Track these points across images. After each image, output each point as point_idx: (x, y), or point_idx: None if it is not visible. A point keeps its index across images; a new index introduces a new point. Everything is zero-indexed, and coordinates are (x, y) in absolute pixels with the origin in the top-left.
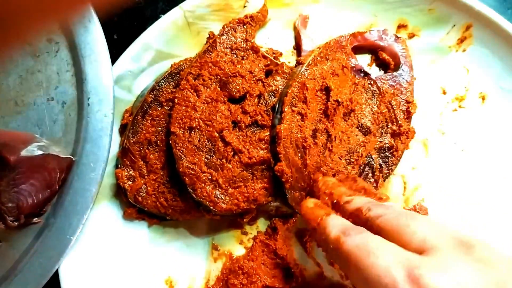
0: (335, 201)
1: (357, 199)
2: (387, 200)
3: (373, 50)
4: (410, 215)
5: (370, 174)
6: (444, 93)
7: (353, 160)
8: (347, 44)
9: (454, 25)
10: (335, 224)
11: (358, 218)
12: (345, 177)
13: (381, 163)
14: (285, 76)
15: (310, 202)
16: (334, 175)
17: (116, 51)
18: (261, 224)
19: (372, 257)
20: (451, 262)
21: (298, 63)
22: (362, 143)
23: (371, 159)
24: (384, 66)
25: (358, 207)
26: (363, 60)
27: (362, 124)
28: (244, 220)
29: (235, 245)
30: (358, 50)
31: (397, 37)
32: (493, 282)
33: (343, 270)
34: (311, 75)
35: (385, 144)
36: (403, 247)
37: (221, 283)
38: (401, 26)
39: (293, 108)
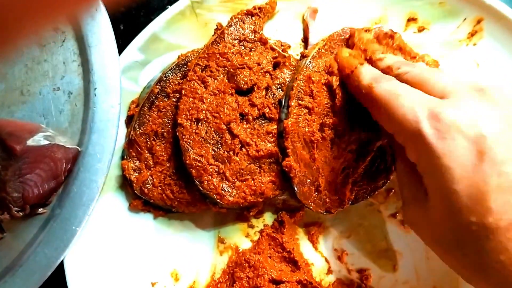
0: (369, 56)
1: (389, 57)
2: (419, 60)
3: None
4: (434, 70)
5: (382, 167)
6: None
7: (362, 154)
8: (341, 43)
9: (465, 19)
10: (368, 72)
11: (389, 74)
12: (383, 34)
13: (389, 159)
14: (293, 69)
15: (345, 52)
16: (344, 168)
17: (122, 41)
18: (268, 218)
19: (400, 98)
20: (465, 102)
21: (303, 56)
22: (370, 135)
23: (382, 152)
24: None
25: (389, 65)
26: None
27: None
28: (251, 213)
29: (241, 238)
30: None
31: (392, 32)
32: (499, 116)
33: (373, 112)
34: (316, 67)
35: (391, 143)
36: (427, 93)
37: (227, 276)
38: (411, 20)
39: (300, 102)
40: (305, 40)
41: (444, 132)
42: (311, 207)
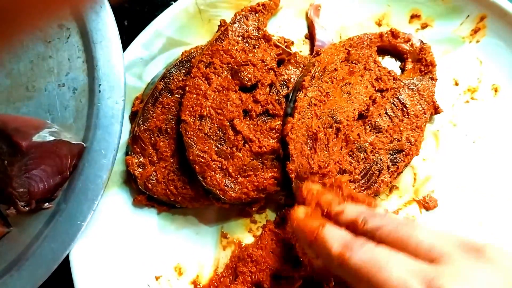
0: (325, 210)
1: (349, 209)
2: (376, 206)
3: (396, 53)
4: (409, 224)
5: (377, 173)
6: (457, 84)
7: (361, 158)
8: (371, 44)
9: (468, 16)
10: (335, 238)
11: (355, 230)
12: (329, 184)
13: (390, 164)
14: (298, 65)
15: (300, 212)
16: (339, 172)
17: (126, 37)
18: (270, 213)
19: (384, 271)
20: (467, 270)
21: (317, 54)
22: (372, 142)
23: (380, 159)
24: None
25: (352, 220)
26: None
27: (375, 124)
28: (253, 209)
29: (244, 233)
30: (380, 51)
31: (422, 43)
32: (504, 282)
33: (354, 285)
34: (330, 67)
35: (395, 146)
36: (410, 256)
37: (229, 271)
38: (414, 16)
39: (307, 98)
40: (311, 37)
41: None
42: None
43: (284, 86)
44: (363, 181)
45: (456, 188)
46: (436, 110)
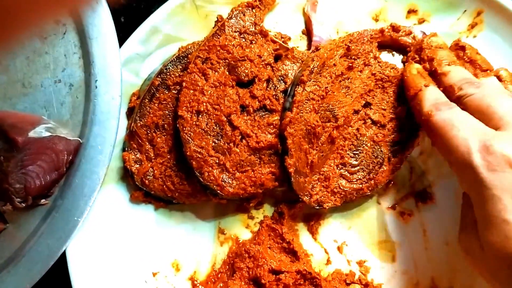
0: (434, 68)
1: (453, 72)
2: (490, 74)
3: (398, 47)
4: (495, 96)
5: (377, 167)
6: None
7: (361, 151)
8: (372, 40)
9: (465, 11)
10: (430, 98)
11: (451, 94)
12: (455, 44)
13: (390, 156)
14: (295, 61)
15: (413, 68)
16: (342, 165)
17: (123, 34)
18: (268, 209)
19: (455, 129)
20: None
21: (317, 49)
22: (372, 135)
23: (380, 152)
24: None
25: (451, 84)
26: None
27: (375, 118)
28: (251, 204)
29: (241, 229)
30: (381, 47)
31: (425, 34)
32: None
33: (431, 139)
34: (329, 62)
35: (395, 139)
36: (484, 122)
37: (227, 267)
38: (411, 11)
39: (306, 93)
40: (308, 32)
41: (495, 165)
42: (304, 198)
43: (282, 81)
44: (363, 173)
45: (452, 182)
46: None
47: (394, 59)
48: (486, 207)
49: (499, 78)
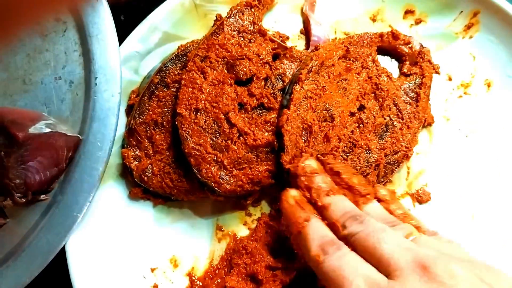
0: (313, 200)
1: (334, 205)
2: (369, 199)
3: (395, 54)
4: (378, 233)
5: (369, 170)
6: (450, 79)
7: (353, 154)
8: (371, 43)
9: (462, 12)
10: (315, 237)
11: (335, 232)
12: (329, 169)
13: (386, 164)
14: (293, 60)
15: (290, 198)
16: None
17: (123, 32)
18: (265, 206)
19: (346, 282)
20: (410, 285)
21: (316, 49)
22: (366, 141)
23: (374, 158)
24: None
25: (335, 220)
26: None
27: (370, 124)
28: (248, 201)
29: (239, 226)
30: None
31: (422, 47)
32: None
33: (323, 283)
34: (328, 62)
35: (389, 147)
36: (374, 266)
37: (224, 263)
38: (408, 12)
39: (303, 91)
40: (306, 32)
41: None
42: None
43: (279, 80)
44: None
45: (448, 182)
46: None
47: (392, 64)
48: None
49: (380, 199)
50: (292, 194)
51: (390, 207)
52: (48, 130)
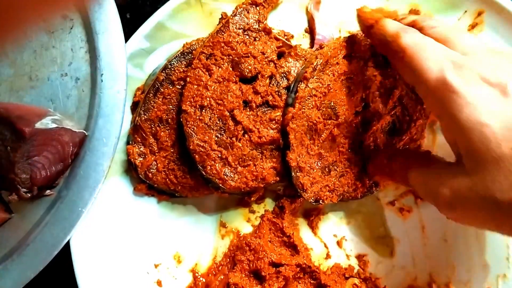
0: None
1: (411, 16)
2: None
3: None
4: (457, 29)
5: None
6: None
7: (358, 152)
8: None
9: (466, 11)
10: (393, 24)
11: (414, 25)
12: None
13: None
14: (298, 58)
15: (367, 8)
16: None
17: (128, 29)
18: (269, 203)
19: (426, 50)
20: (486, 58)
21: (321, 47)
22: (374, 135)
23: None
24: None
25: (414, 20)
26: None
27: (376, 121)
28: (252, 198)
29: (242, 223)
30: None
31: None
32: None
33: (396, 62)
34: (333, 61)
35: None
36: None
37: (228, 259)
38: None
39: (308, 89)
40: (311, 31)
41: (469, 79)
42: (303, 194)
43: (284, 78)
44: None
45: None
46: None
47: None
48: (464, 115)
49: None
50: (368, 8)
51: None
52: (54, 125)
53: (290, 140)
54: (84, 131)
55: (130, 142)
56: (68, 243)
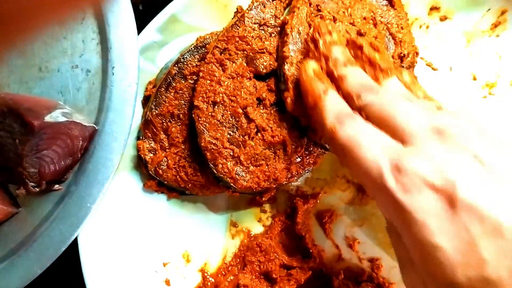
0: (330, 70)
1: (351, 77)
2: (390, 75)
3: None
4: (394, 102)
5: None
6: (475, 79)
7: None
8: None
9: (489, 9)
10: (332, 109)
11: (351, 103)
12: (351, 42)
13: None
14: None
15: (310, 69)
16: None
17: (141, 22)
18: (281, 204)
19: (362, 149)
20: (426, 148)
21: (284, 23)
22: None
23: None
24: None
25: (349, 91)
26: None
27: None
28: (263, 198)
29: (253, 223)
30: None
31: None
32: (462, 158)
33: (339, 158)
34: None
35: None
36: (389, 135)
37: (238, 260)
38: (433, 8)
39: (294, 66)
40: None
41: (410, 186)
42: None
43: None
44: None
45: None
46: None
47: None
48: (412, 233)
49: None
50: (311, 65)
51: (411, 87)
52: (64, 119)
53: (303, 123)
54: (94, 125)
55: (141, 137)
56: (75, 239)
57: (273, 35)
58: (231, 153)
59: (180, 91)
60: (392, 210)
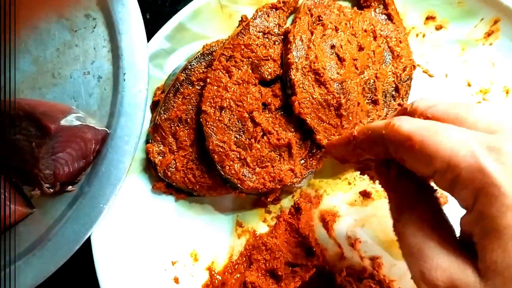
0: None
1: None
2: None
3: None
4: (466, 104)
5: (395, 94)
6: (469, 85)
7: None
8: None
9: (482, 19)
10: (380, 121)
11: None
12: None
13: (402, 83)
14: None
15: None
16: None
17: (148, 30)
18: (285, 204)
19: (441, 134)
20: None
21: (287, 32)
22: (377, 69)
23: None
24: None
25: (406, 106)
26: None
27: (372, 54)
28: (268, 199)
29: (258, 223)
30: None
31: None
32: None
33: (402, 154)
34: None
35: (394, 65)
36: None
37: (244, 258)
38: (429, 18)
39: (300, 71)
40: None
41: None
42: None
43: None
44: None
45: None
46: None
47: None
48: (502, 221)
49: None
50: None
51: None
52: (78, 123)
53: (310, 124)
54: (106, 129)
55: (150, 141)
56: (88, 239)
57: (277, 43)
58: (238, 156)
59: (188, 97)
60: (484, 194)
